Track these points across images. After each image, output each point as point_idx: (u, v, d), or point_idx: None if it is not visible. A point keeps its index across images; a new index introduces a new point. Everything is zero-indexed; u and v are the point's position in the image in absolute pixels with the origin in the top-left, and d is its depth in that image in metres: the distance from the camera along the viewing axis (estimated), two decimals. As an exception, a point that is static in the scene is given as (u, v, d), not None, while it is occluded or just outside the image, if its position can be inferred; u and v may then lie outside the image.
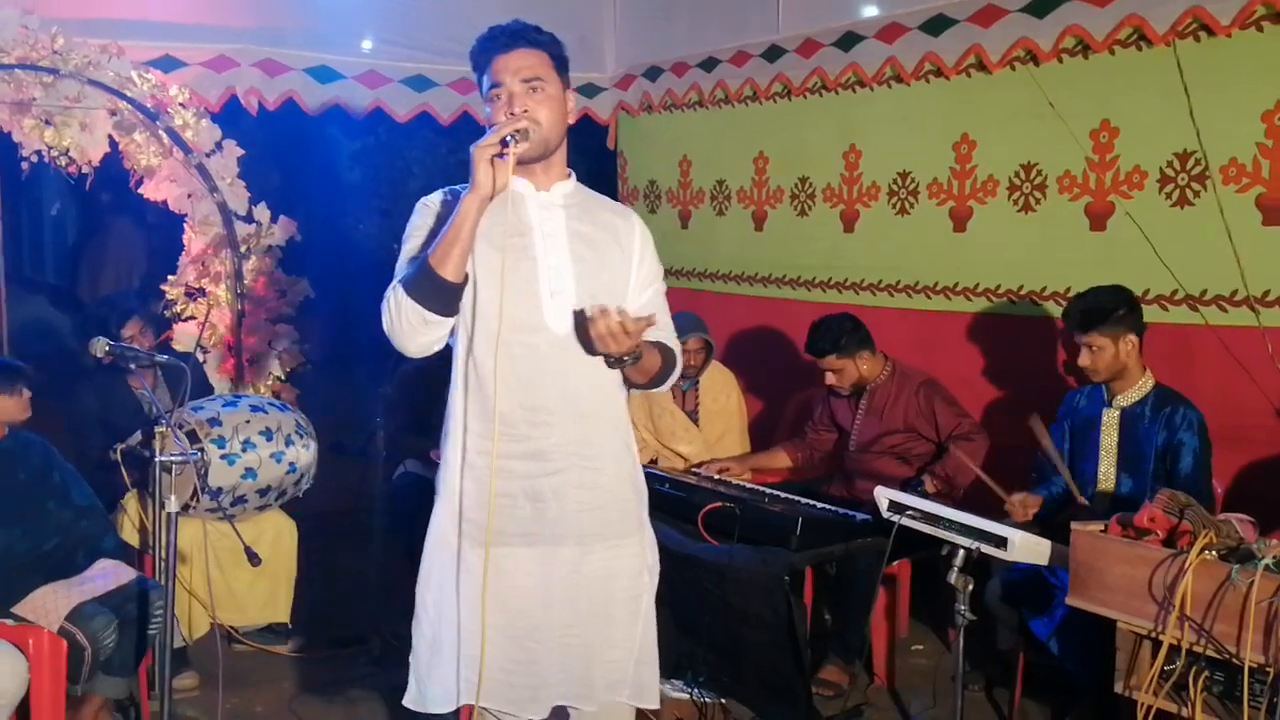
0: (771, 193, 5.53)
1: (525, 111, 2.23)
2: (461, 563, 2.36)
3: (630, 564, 2.42)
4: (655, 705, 2.50)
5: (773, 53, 5.30)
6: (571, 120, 2.38)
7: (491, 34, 2.31)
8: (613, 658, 2.40)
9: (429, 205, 2.37)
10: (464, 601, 2.35)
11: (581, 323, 2.28)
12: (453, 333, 2.33)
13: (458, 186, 2.29)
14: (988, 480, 3.68)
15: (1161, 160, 3.96)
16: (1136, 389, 3.54)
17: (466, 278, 2.23)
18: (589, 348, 2.27)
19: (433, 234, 2.25)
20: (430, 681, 2.39)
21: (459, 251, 2.18)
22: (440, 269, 2.17)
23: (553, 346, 2.30)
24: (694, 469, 4.46)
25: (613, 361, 2.29)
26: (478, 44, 2.33)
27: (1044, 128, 4.23)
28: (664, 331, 2.42)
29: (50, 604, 3.28)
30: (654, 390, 2.49)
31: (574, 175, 2.43)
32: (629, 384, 2.43)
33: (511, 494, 2.30)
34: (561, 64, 2.34)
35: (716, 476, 4.28)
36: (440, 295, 2.20)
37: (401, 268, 2.29)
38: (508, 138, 2.16)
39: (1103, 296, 3.56)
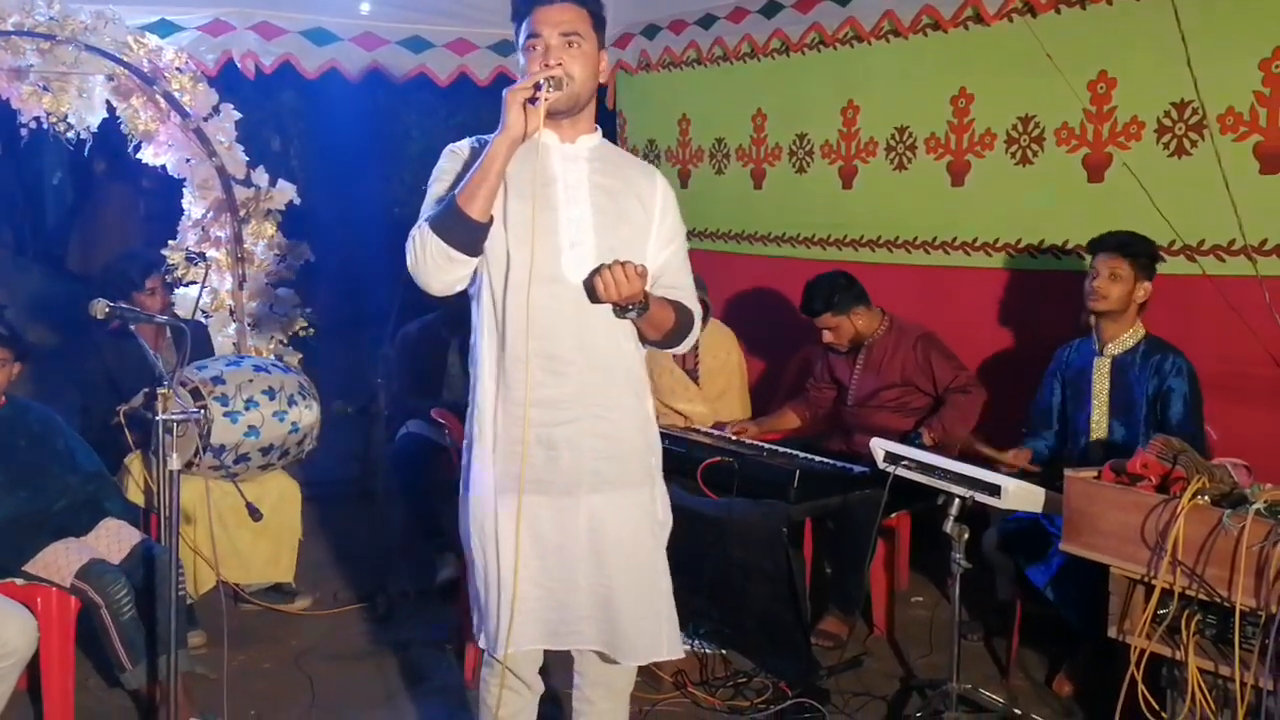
0: (770, 150, 5.51)
1: (560, 65, 2.25)
2: (491, 508, 2.40)
3: (643, 513, 2.45)
4: (680, 655, 2.54)
5: (770, 9, 5.26)
6: (603, 80, 2.41)
7: None
8: (643, 614, 2.43)
9: (457, 151, 2.40)
10: (491, 546, 2.40)
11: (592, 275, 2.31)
12: (474, 281, 2.36)
13: (486, 136, 2.31)
14: (984, 449, 3.72)
15: (1159, 110, 3.96)
16: (1129, 336, 3.57)
17: (492, 218, 2.26)
18: (593, 296, 2.30)
19: (459, 178, 2.28)
20: (485, 623, 2.45)
21: (486, 191, 2.21)
22: (467, 208, 2.21)
23: (570, 297, 2.33)
24: (709, 430, 4.46)
25: (619, 310, 2.32)
26: None
27: (1041, 80, 4.19)
28: (683, 291, 2.45)
29: (62, 560, 3.33)
30: (671, 350, 2.52)
31: (600, 131, 2.45)
32: (644, 340, 2.44)
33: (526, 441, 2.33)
34: (599, 23, 2.37)
35: (733, 437, 4.29)
36: (466, 233, 2.23)
37: (427, 208, 2.32)
38: (541, 82, 2.19)
39: (1149, 241, 3.60)
